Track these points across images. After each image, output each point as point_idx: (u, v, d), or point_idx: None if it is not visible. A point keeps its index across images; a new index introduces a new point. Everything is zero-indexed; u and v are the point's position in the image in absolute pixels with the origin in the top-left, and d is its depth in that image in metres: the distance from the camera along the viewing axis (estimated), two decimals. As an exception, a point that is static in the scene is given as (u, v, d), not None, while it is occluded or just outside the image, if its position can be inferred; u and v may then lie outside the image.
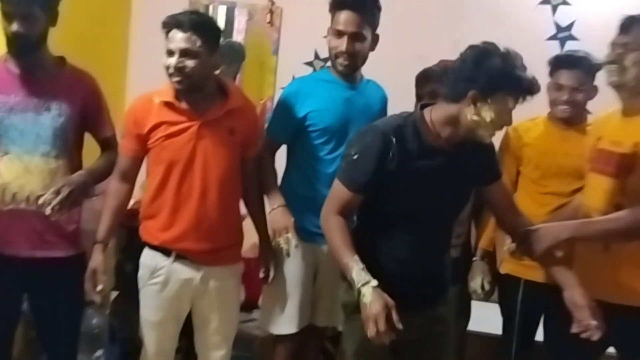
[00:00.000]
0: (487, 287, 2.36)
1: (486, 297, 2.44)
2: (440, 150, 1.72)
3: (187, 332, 2.25)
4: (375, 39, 2.19)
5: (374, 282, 1.62)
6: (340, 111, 2.19)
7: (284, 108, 2.23)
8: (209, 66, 1.98)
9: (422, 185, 1.72)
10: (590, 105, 2.30)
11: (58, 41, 2.02)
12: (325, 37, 2.24)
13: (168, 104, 1.99)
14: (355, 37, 2.11)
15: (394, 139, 1.69)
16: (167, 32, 1.94)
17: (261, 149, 2.23)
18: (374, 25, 2.17)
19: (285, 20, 3.22)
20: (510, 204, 1.93)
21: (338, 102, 2.20)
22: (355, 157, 1.72)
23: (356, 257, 1.67)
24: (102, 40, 3.16)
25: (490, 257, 2.42)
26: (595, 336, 1.71)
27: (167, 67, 1.94)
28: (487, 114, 1.62)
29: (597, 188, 1.91)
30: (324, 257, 2.25)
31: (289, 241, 2.08)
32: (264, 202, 2.28)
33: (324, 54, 3.09)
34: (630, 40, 1.80)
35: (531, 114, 2.21)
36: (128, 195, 2.09)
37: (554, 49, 2.85)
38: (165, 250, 2.05)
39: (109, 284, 2.06)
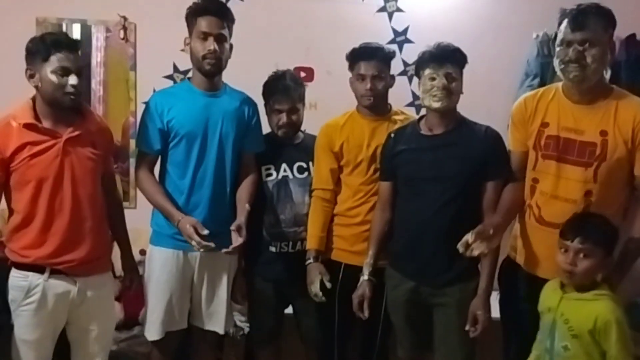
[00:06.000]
0: (328, 285, 2.29)
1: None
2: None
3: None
4: (230, 47, 2.32)
5: None
6: (199, 117, 2.28)
7: (148, 118, 2.29)
8: None
9: None
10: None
11: None
12: (182, 50, 2.34)
13: (28, 126, 1.99)
14: (220, 38, 2.24)
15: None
16: (52, 55, 1.97)
17: (136, 166, 2.26)
18: (230, 32, 2.30)
19: (141, 35, 3.22)
20: None
21: (197, 109, 2.29)
22: None
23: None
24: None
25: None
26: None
27: (62, 86, 1.97)
28: None
29: (564, 177, 1.95)
30: (196, 263, 2.31)
31: None
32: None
33: (183, 66, 3.15)
34: (589, 37, 1.86)
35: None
36: None
37: (394, 52, 3.14)
38: (37, 268, 2.03)
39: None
